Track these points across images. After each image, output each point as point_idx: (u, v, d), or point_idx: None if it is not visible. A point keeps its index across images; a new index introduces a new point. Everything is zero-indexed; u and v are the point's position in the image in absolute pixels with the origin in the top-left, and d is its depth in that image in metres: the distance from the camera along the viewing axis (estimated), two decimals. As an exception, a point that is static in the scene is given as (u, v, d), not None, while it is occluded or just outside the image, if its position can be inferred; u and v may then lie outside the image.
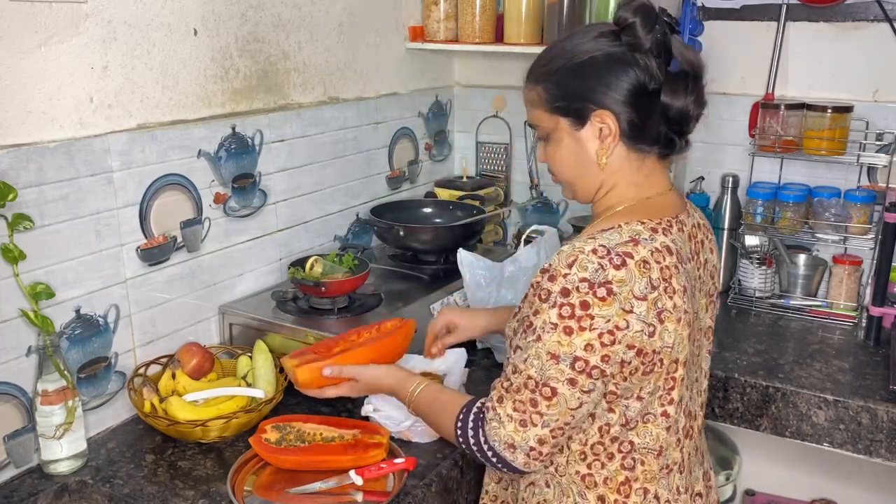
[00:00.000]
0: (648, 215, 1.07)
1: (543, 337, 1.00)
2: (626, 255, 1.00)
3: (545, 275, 1.02)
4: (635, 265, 1.00)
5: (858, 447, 1.60)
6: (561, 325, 0.99)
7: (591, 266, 0.99)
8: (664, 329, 1.01)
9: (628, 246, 1.01)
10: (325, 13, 1.88)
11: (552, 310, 0.99)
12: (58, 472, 1.32)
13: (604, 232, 1.04)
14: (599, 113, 1.06)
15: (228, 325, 1.69)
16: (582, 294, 0.98)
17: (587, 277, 0.98)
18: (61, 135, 1.34)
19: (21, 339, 1.31)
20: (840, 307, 1.99)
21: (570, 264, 1.00)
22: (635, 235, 1.03)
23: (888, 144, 1.93)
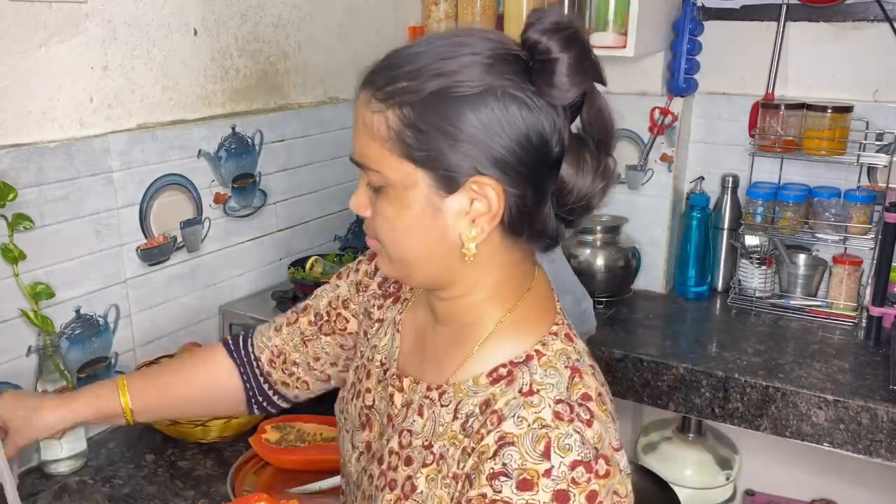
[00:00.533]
0: (546, 313, 0.80)
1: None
2: (586, 400, 0.71)
3: (505, 481, 0.67)
4: (597, 405, 0.72)
5: (858, 447, 1.60)
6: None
7: (569, 440, 0.68)
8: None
9: (578, 385, 0.73)
10: (325, 13, 1.88)
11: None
12: (58, 472, 1.32)
13: (525, 370, 0.74)
14: (480, 180, 0.71)
15: (228, 325, 1.69)
16: (583, 486, 0.67)
17: (578, 459, 0.67)
18: (61, 135, 1.34)
19: (21, 339, 1.31)
20: (840, 307, 1.99)
21: (545, 453, 0.67)
22: (568, 363, 0.75)
23: (888, 144, 1.93)
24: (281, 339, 1.06)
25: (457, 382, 0.78)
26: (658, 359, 1.77)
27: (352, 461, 0.91)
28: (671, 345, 1.87)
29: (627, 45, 1.85)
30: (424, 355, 0.85)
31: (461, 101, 0.70)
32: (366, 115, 0.73)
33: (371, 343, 0.93)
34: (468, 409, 0.76)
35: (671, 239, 2.18)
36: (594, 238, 2.04)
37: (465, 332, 0.80)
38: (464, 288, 0.79)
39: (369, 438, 0.88)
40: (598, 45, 1.91)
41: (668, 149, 2.12)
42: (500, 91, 0.70)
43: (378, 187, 0.75)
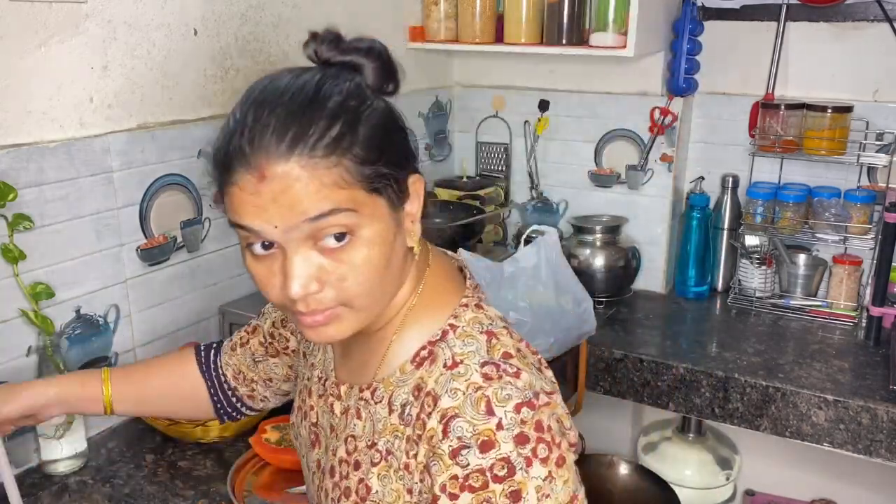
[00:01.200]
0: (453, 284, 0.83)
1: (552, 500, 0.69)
2: (507, 357, 0.74)
3: (466, 454, 0.69)
4: (518, 360, 0.74)
5: (858, 447, 1.60)
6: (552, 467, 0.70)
7: (504, 391, 0.70)
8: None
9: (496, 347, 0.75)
10: (325, 13, 1.88)
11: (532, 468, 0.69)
12: (58, 472, 1.32)
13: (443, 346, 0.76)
14: (415, 178, 0.77)
15: (228, 325, 1.69)
16: (531, 420, 0.70)
17: (520, 402, 0.70)
18: (61, 135, 1.34)
19: (21, 339, 1.31)
20: (840, 307, 1.99)
21: (489, 410, 0.70)
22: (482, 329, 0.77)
23: (888, 144, 1.93)
24: (236, 360, 1.08)
25: (384, 377, 0.80)
26: (658, 359, 1.77)
27: (310, 482, 0.92)
28: (671, 345, 1.87)
29: (627, 45, 1.85)
30: (351, 361, 0.86)
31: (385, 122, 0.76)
32: (315, 174, 0.69)
33: (309, 362, 0.95)
34: (402, 398, 0.77)
35: (671, 239, 2.18)
36: (594, 238, 2.04)
37: (382, 328, 0.81)
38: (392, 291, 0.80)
39: (318, 456, 0.89)
40: (598, 45, 1.92)
41: (668, 149, 2.13)
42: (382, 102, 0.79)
43: (341, 235, 0.71)
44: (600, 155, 2.22)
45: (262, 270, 0.78)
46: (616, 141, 2.19)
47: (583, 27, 1.97)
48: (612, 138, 2.19)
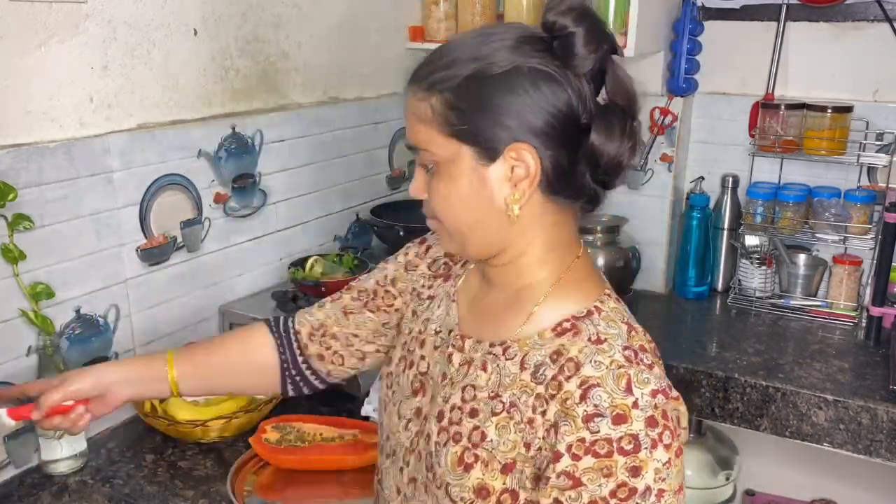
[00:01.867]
0: (599, 280, 0.90)
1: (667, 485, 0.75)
2: (642, 351, 0.81)
3: (599, 421, 0.75)
4: (652, 355, 0.82)
5: (858, 447, 1.60)
6: (672, 455, 0.76)
7: (643, 375, 0.77)
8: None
9: (634, 338, 0.82)
10: (325, 13, 1.88)
11: (656, 451, 0.75)
12: (58, 472, 1.32)
13: (588, 323, 0.83)
14: (516, 147, 0.79)
15: (228, 325, 1.69)
16: (661, 407, 0.77)
17: (657, 388, 0.77)
18: (61, 135, 1.34)
19: (21, 339, 1.31)
20: (840, 307, 1.99)
21: (629, 388, 0.76)
22: (623, 319, 0.85)
23: (888, 144, 1.93)
24: (323, 314, 1.09)
25: (521, 338, 0.85)
26: (658, 359, 1.77)
27: (400, 430, 0.96)
28: (671, 345, 1.87)
29: (627, 45, 1.85)
30: (482, 319, 0.92)
31: (493, 80, 0.79)
32: (414, 104, 0.83)
33: (422, 318, 1.00)
34: (537, 359, 0.83)
35: (671, 239, 2.18)
36: (594, 238, 2.04)
37: (521, 295, 0.88)
38: (514, 252, 0.87)
39: (420, 404, 0.94)
40: (598, 45, 1.91)
41: (668, 149, 2.12)
42: (526, 68, 0.79)
43: (431, 168, 0.84)
44: (600, 155, 2.22)
45: None
46: (616, 141, 2.18)
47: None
48: (612, 138, 2.19)
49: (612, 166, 0.83)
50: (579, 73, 0.80)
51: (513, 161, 0.81)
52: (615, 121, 0.81)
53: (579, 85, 0.80)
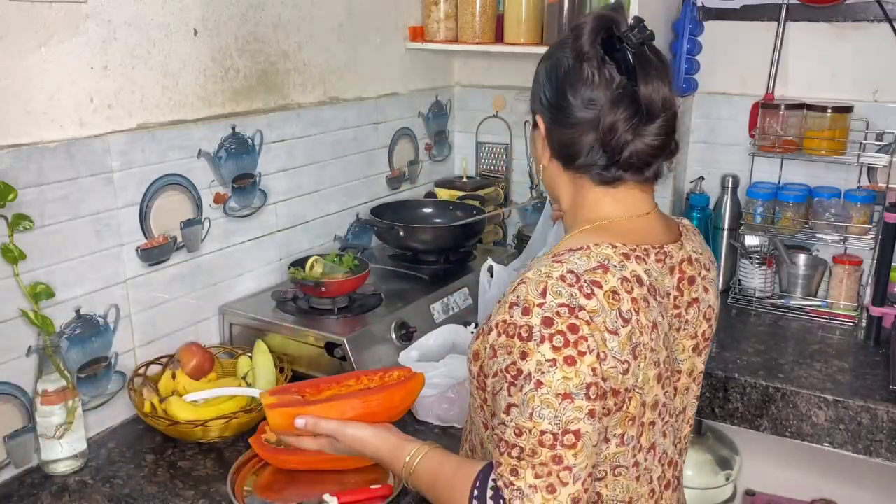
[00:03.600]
0: (621, 238, 0.97)
1: (545, 379, 0.86)
2: (595, 285, 0.90)
3: (515, 309, 0.89)
4: (604, 296, 0.90)
5: (858, 447, 1.60)
6: (560, 358, 0.86)
7: (564, 292, 0.88)
8: (637, 366, 0.92)
9: (597, 273, 0.91)
10: (325, 13, 1.88)
11: (542, 345, 0.86)
12: (58, 472, 1.32)
13: (572, 252, 0.94)
14: (537, 115, 1.05)
15: (228, 325, 1.69)
16: (565, 318, 0.87)
17: (565, 303, 0.88)
18: (61, 135, 1.34)
19: (21, 339, 1.31)
20: (840, 307, 1.99)
21: (543, 292, 0.89)
22: (604, 261, 0.93)
23: (888, 144, 1.93)
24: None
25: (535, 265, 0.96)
26: (658, 359, 1.77)
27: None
28: (671, 345, 1.87)
29: (627, 45, 1.85)
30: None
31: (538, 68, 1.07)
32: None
33: None
34: None
35: (671, 239, 2.17)
36: (594, 238, 2.04)
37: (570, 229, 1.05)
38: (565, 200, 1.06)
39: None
40: (598, 45, 1.92)
41: (668, 149, 2.12)
42: (549, 56, 1.04)
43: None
44: (600, 155, 2.22)
45: None
46: (616, 141, 2.19)
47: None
48: (612, 138, 2.19)
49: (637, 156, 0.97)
50: (587, 59, 0.96)
51: (538, 125, 1.04)
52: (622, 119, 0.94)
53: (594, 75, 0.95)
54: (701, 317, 1.06)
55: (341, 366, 1.53)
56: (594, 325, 0.88)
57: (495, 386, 0.92)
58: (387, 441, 1.07)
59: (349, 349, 1.52)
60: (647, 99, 0.94)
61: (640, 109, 0.94)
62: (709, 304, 1.07)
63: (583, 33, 0.97)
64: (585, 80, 0.96)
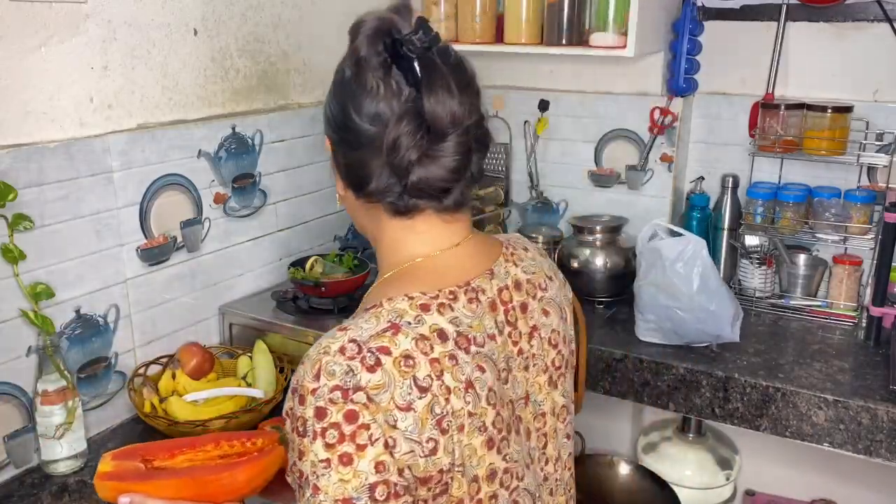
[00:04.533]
0: (421, 285, 0.83)
1: (321, 484, 0.74)
2: (382, 352, 0.76)
3: (294, 396, 0.77)
4: (393, 364, 0.76)
5: (858, 447, 1.60)
6: (334, 457, 0.74)
7: (338, 369, 0.75)
8: (449, 440, 0.78)
9: (385, 337, 0.77)
10: (325, 13, 1.88)
11: (315, 443, 0.74)
12: (58, 472, 1.32)
13: (366, 312, 0.81)
14: (327, 138, 0.91)
15: (228, 325, 1.69)
16: (340, 405, 0.74)
17: (338, 384, 0.75)
18: (61, 135, 1.34)
19: (21, 339, 1.31)
20: (840, 307, 1.99)
21: (317, 374, 0.76)
22: (396, 319, 0.79)
23: (888, 144, 1.93)
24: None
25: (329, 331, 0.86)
26: (658, 359, 1.77)
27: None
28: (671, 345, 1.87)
29: (627, 46, 1.85)
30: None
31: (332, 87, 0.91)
32: None
33: None
34: None
35: (671, 239, 2.18)
36: (594, 238, 2.04)
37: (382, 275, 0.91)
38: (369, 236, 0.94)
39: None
40: (598, 44, 1.92)
41: (668, 149, 2.12)
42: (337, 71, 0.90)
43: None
44: (600, 155, 2.22)
45: None
46: (616, 141, 2.19)
47: (583, 27, 1.97)
48: (612, 138, 2.19)
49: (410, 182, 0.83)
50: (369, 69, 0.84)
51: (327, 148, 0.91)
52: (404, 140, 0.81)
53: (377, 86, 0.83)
54: (546, 345, 0.93)
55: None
56: (377, 407, 0.75)
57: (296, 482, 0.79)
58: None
59: (349, 349, 1.51)
60: (431, 114, 0.80)
61: (422, 125, 0.81)
62: (552, 329, 0.94)
63: (359, 34, 0.84)
64: (369, 90, 0.82)
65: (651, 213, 2.15)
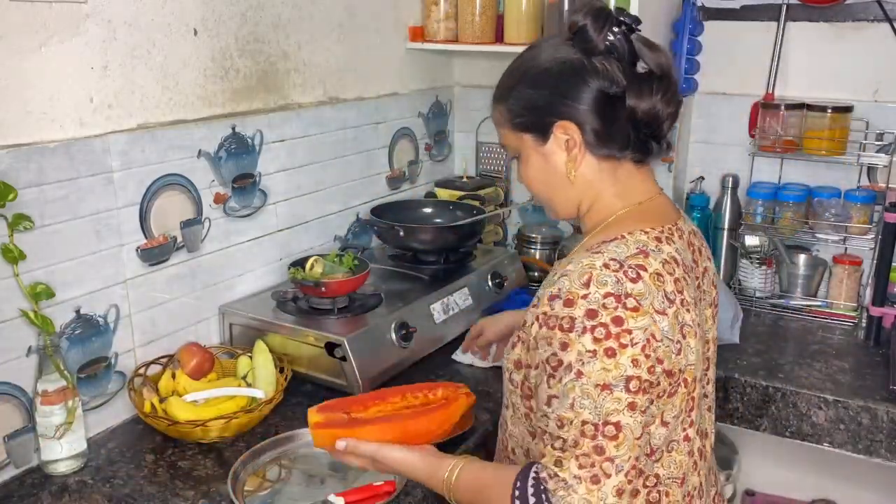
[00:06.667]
0: (648, 223, 1.01)
1: (585, 370, 0.88)
2: (640, 268, 0.93)
3: (556, 301, 0.92)
4: (650, 278, 0.93)
5: (858, 447, 1.60)
6: (600, 349, 0.88)
7: (610, 279, 0.91)
8: (687, 345, 0.95)
9: (639, 258, 0.94)
10: (325, 13, 1.88)
11: (584, 336, 0.89)
12: (58, 472, 1.32)
13: (607, 243, 0.97)
14: (561, 124, 1.02)
15: (228, 325, 1.69)
16: (611, 310, 0.89)
17: (611, 292, 0.90)
18: (61, 135, 1.34)
19: (21, 339, 1.31)
20: (840, 307, 1.99)
21: (587, 283, 0.91)
22: (642, 246, 0.96)
23: (888, 144, 1.93)
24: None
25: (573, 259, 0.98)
26: (658, 359, 1.77)
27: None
28: (671, 345, 1.87)
29: (627, 45, 1.85)
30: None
31: (532, 80, 1.04)
32: (494, 114, 1.11)
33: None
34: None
35: (671, 239, 2.17)
36: (594, 238, 2.04)
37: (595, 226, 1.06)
38: (589, 201, 1.06)
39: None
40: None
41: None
42: (554, 64, 1.02)
43: (515, 156, 1.10)
44: (600, 155, 2.22)
45: None
46: (616, 141, 2.19)
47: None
48: (612, 138, 2.19)
49: (651, 118, 1.00)
50: (598, 54, 0.99)
51: (562, 136, 1.02)
52: (646, 84, 0.99)
53: (605, 64, 0.99)
54: (710, 284, 1.11)
55: (341, 366, 1.53)
56: (642, 310, 0.90)
57: (537, 378, 0.95)
58: (423, 460, 1.08)
59: (349, 349, 1.52)
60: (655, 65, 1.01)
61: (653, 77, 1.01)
62: (714, 272, 1.13)
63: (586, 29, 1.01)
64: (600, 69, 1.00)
65: (651, 213, 2.14)
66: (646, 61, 1.00)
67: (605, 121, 1.00)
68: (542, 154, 1.05)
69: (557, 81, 1.01)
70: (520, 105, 1.05)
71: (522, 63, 1.06)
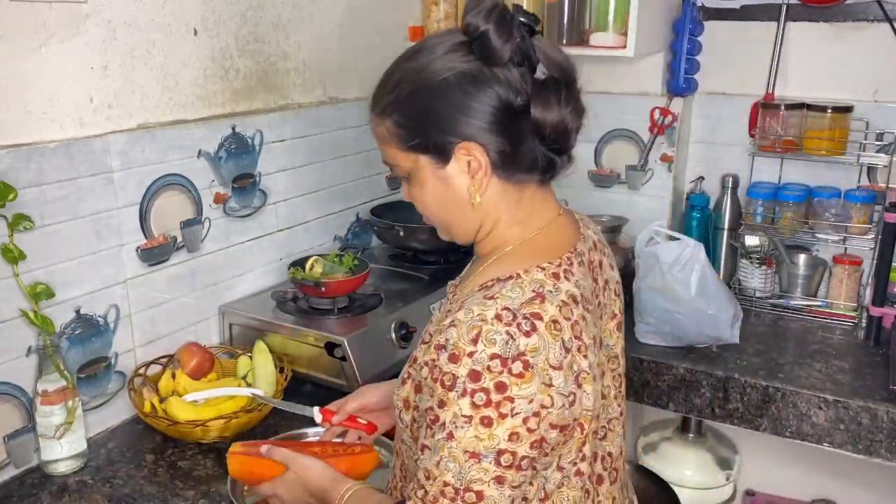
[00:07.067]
0: (546, 256, 0.92)
1: (457, 434, 0.82)
2: (535, 318, 0.84)
3: (442, 353, 0.84)
4: (546, 328, 0.84)
5: (858, 447, 1.60)
6: (477, 416, 0.82)
7: (499, 338, 0.82)
8: (583, 393, 0.87)
9: (534, 305, 0.85)
10: (325, 13, 1.88)
11: (462, 399, 0.82)
12: (58, 472, 1.32)
13: (502, 285, 0.88)
14: (464, 146, 0.90)
15: (228, 325, 1.69)
16: (495, 374, 0.81)
17: (498, 353, 0.82)
18: (61, 135, 1.34)
19: (21, 339, 1.31)
20: (840, 307, 1.99)
21: (475, 339, 0.83)
22: (538, 288, 0.87)
23: (888, 144, 1.93)
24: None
25: (463, 294, 0.93)
26: (658, 359, 1.77)
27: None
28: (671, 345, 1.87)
29: (627, 46, 1.85)
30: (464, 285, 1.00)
31: (428, 93, 0.90)
32: (376, 128, 0.97)
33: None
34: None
35: (671, 239, 2.18)
36: (594, 238, 2.04)
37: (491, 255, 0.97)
38: (489, 226, 0.96)
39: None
40: (598, 45, 1.92)
41: (668, 149, 2.13)
42: (453, 76, 0.89)
43: (404, 176, 0.96)
44: (600, 155, 2.22)
45: None
46: (616, 141, 2.19)
47: (583, 27, 1.97)
48: (612, 138, 2.19)
49: (559, 133, 0.91)
50: (501, 64, 0.88)
51: (465, 158, 0.91)
52: (551, 92, 0.90)
53: (507, 74, 0.88)
54: (613, 294, 1.05)
55: (341, 366, 1.53)
56: (529, 375, 0.82)
57: (420, 420, 0.90)
58: (327, 474, 1.08)
59: (349, 349, 1.52)
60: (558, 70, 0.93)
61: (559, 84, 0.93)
62: (616, 280, 1.07)
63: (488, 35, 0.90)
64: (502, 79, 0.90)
65: (651, 214, 2.15)
66: (547, 67, 0.90)
67: (511, 139, 0.90)
68: (441, 178, 0.93)
69: (457, 95, 0.88)
70: (412, 122, 0.91)
71: (411, 71, 0.92)
